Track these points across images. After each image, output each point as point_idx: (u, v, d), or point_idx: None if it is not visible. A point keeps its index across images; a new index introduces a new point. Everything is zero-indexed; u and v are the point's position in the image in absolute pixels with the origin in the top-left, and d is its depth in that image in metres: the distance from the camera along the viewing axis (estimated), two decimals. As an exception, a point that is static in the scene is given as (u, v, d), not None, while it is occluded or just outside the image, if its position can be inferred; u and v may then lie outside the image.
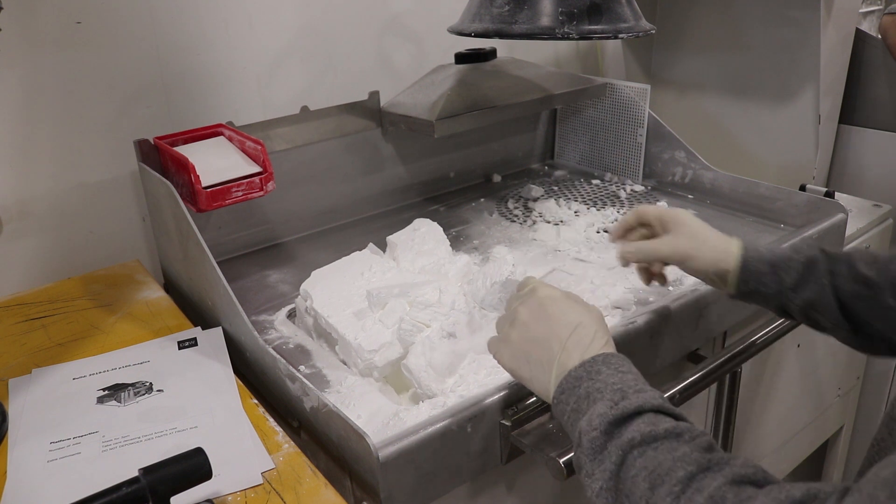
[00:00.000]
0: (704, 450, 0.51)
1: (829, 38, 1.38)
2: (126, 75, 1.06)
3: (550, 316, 0.65)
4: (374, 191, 1.29)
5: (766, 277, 0.75)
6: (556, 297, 0.67)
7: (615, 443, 0.53)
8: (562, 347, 0.63)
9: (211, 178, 0.92)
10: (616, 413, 0.54)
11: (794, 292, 0.74)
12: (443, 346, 0.77)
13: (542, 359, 0.64)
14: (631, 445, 0.52)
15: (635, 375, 0.59)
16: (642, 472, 0.51)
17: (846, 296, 0.72)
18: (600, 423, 0.54)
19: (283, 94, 1.21)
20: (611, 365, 0.60)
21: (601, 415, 0.55)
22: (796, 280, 0.74)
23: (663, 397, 0.57)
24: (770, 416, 1.25)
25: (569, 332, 0.63)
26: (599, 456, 0.54)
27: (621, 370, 0.59)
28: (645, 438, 0.52)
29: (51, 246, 1.06)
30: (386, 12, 1.29)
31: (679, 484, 0.48)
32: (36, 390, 0.80)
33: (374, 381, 0.80)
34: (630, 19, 0.92)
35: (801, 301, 0.74)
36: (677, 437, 0.52)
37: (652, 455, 0.51)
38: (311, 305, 0.87)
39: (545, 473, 0.73)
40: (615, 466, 0.52)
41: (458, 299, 0.82)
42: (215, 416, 0.75)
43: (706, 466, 0.49)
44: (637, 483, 0.50)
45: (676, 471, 0.49)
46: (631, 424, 0.54)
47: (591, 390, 0.58)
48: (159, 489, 0.56)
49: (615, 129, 1.41)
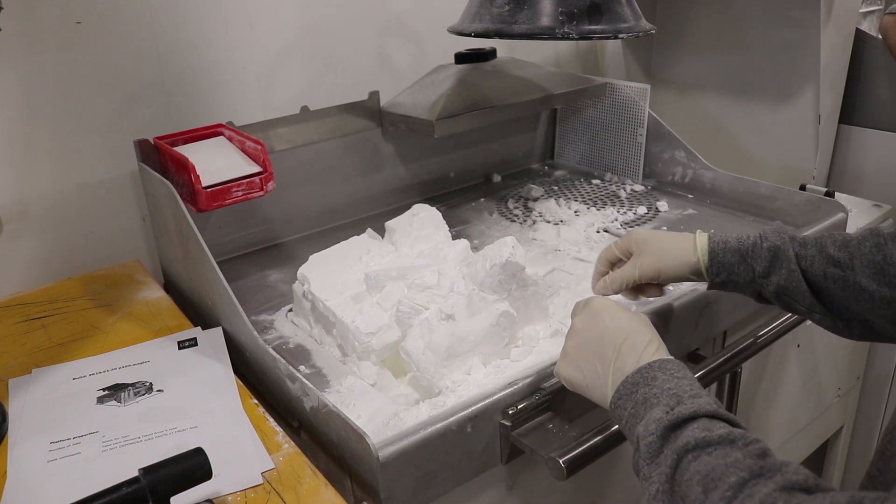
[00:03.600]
0: (757, 456, 0.51)
1: (829, 38, 1.37)
2: (126, 75, 1.06)
3: (603, 324, 0.68)
4: (374, 191, 1.29)
5: (736, 267, 0.76)
6: (609, 305, 0.70)
7: (671, 447, 0.54)
8: (616, 353, 0.65)
9: (211, 178, 0.92)
10: (672, 418, 0.56)
11: (766, 279, 0.75)
12: (441, 328, 0.77)
13: (598, 365, 0.66)
14: (686, 450, 0.53)
15: (690, 381, 0.60)
16: (696, 476, 0.51)
17: (817, 278, 0.73)
18: (657, 428, 0.56)
19: (283, 94, 1.21)
20: (667, 370, 0.61)
21: (657, 420, 0.56)
22: (766, 267, 0.75)
23: (718, 402, 0.58)
24: (770, 416, 1.25)
25: (622, 338, 0.65)
26: (656, 460, 0.55)
27: (677, 375, 0.61)
28: (699, 443, 0.53)
29: (51, 246, 1.06)
30: (386, 12, 1.29)
31: (731, 489, 0.49)
32: (36, 390, 0.80)
33: (372, 365, 0.79)
34: (630, 19, 0.92)
35: (773, 287, 0.75)
36: (731, 443, 0.53)
37: (706, 460, 0.52)
38: (309, 289, 0.87)
39: (545, 473, 0.73)
40: (670, 470, 0.53)
41: (457, 281, 0.81)
42: (215, 416, 0.75)
43: (758, 472, 0.50)
44: (691, 487, 0.51)
45: (729, 476, 0.50)
46: (686, 429, 0.55)
47: (649, 395, 0.60)
48: (159, 489, 0.56)
49: (615, 129, 1.41)
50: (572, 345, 0.70)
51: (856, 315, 0.73)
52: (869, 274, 0.70)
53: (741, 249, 0.76)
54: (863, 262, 0.71)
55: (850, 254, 0.72)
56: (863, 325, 0.74)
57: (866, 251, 0.71)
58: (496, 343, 0.80)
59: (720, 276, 0.77)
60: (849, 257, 0.72)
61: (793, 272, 0.74)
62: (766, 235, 0.76)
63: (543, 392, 0.76)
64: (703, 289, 0.93)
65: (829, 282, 0.72)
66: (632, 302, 0.87)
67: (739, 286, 0.78)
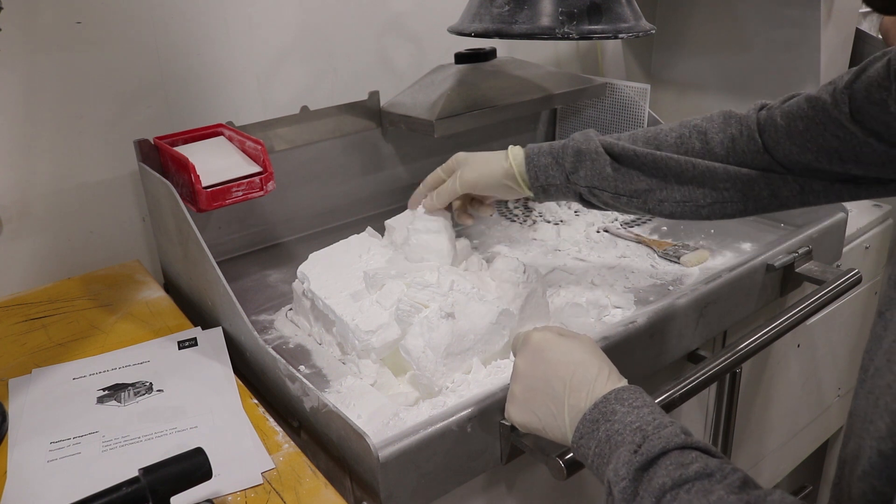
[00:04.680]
0: (739, 489, 0.49)
1: (829, 38, 1.37)
2: (126, 75, 1.06)
3: (548, 360, 0.64)
4: (374, 191, 1.29)
5: (550, 169, 0.80)
6: (549, 339, 0.66)
7: (646, 489, 0.51)
8: (567, 389, 0.62)
9: (211, 178, 0.92)
10: (641, 459, 0.53)
11: (575, 174, 0.79)
12: (441, 326, 0.76)
13: (550, 406, 0.63)
14: (663, 490, 0.50)
15: (651, 408, 0.58)
16: None
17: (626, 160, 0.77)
18: (627, 472, 0.53)
19: (283, 94, 1.21)
20: (624, 402, 0.58)
21: (627, 462, 0.53)
22: (572, 163, 0.79)
23: (685, 430, 0.55)
24: (770, 416, 1.25)
25: (570, 373, 0.62)
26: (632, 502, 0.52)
27: (636, 405, 0.58)
28: (676, 482, 0.50)
29: (51, 246, 1.06)
30: (386, 12, 1.29)
31: None
32: (36, 390, 0.80)
33: (372, 363, 0.79)
34: (630, 19, 0.92)
35: (583, 182, 0.78)
36: (709, 477, 0.50)
37: (685, 498, 0.49)
38: (309, 287, 0.87)
39: (545, 473, 0.73)
40: None
41: (458, 280, 0.82)
42: (215, 416, 0.75)
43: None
44: None
45: None
46: (659, 468, 0.52)
47: (611, 433, 0.57)
48: (159, 489, 0.56)
49: (615, 129, 1.41)
50: (519, 388, 0.66)
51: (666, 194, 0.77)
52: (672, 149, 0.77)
53: (552, 152, 0.80)
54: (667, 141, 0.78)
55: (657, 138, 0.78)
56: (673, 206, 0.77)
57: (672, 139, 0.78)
58: (496, 342, 0.80)
59: (539, 180, 0.81)
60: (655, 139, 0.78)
61: (596, 161, 0.77)
62: (575, 137, 0.80)
63: (543, 392, 0.75)
64: (703, 289, 0.93)
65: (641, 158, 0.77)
66: (632, 301, 0.87)
67: (559, 189, 0.81)
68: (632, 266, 1.04)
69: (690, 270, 1.02)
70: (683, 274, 1.01)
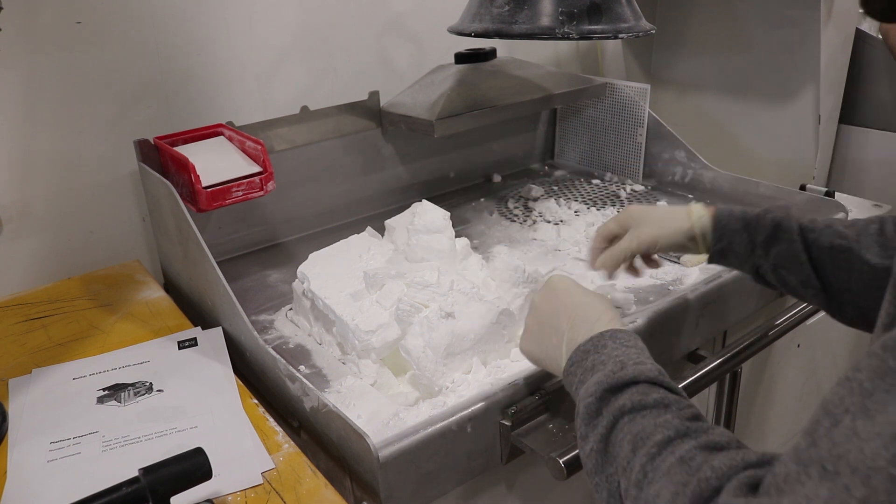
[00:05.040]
0: (687, 419, 0.53)
1: (829, 38, 1.37)
2: (126, 75, 1.06)
3: (559, 298, 0.70)
4: (374, 191, 1.29)
5: (738, 235, 0.77)
6: (567, 282, 0.72)
7: (608, 409, 0.56)
8: (570, 325, 0.66)
9: (211, 178, 0.92)
10: (612, 381, 0.57)
11: (765, 250, 0.76)
12: (441, 326, 0.77)
13: (553, 337, 0.68)
14: (622, 412, 0.55)
15: (639, 350, 0.61)
16: (628, 435, 0.53)
17: (821, 250, 0.73)
18: (596, 391, 0.57)
19: (283, 94, 1.21)
20: (617, 339, 0.62)
21: (598, 382, 0.58)
22: (767, 237, 0.76)
23: (662, 371, 0.58)
24: (770, 416, 1.25)
25: (576, 311, 0.67)
26: (594, 421, 0.57)
27: (626, 344, 0.62)
28: (635, 406, 0.55)
29: (51, 246, 1.06)
30: (386, 12, 1.29)
31: (656, 446, 0.51)
32: (36, 390, 0.80)
33: (372, 363, 0.79)
34: (630, 19, 0.92)
35: (771, 259, 0.75)
36: (665, 407, 0.54)
37: (639, 421, 0.54)
38: (309, 287, 0.87)
39: (545, 473, 0.73)
40: (605, 431, 0.55)
41: (457, 279, 0.82)
42: (215, 416, 0.75)
43: (684, 432, 0.51)
44: (622, 446, 0.53)
45: (655, 434, 0.52)
46: (625, 393, 0.56)
47: (596, 362, 0.61)
48: (159, 489, 0.56)
49: (615, 129, 1.41)
50: (532, 320, 0.72)
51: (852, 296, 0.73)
52: (874, 250, 0.71)
53: (745, 218, 0.78)
54: (868, 239, 0.72)
55: (857, 231, 0.73)
56: (855, 310, 0.73)
57: (872, 231, 0.73)
58: (496, 341, 0.80)
59: (722, 241, 0.78)
60: (855, 233, 0.73)
61: (793, 243, 0.74)
62: (771, 209, 0.77)
63: (543, 392, 0.76)
64: (703, 289, 0.93)
65: (836, 253, 0.73)
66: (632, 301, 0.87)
67: (739, 256, 0.78)
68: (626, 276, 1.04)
69: (690, 270, 1.02)
70: (683, 274, 1.01)
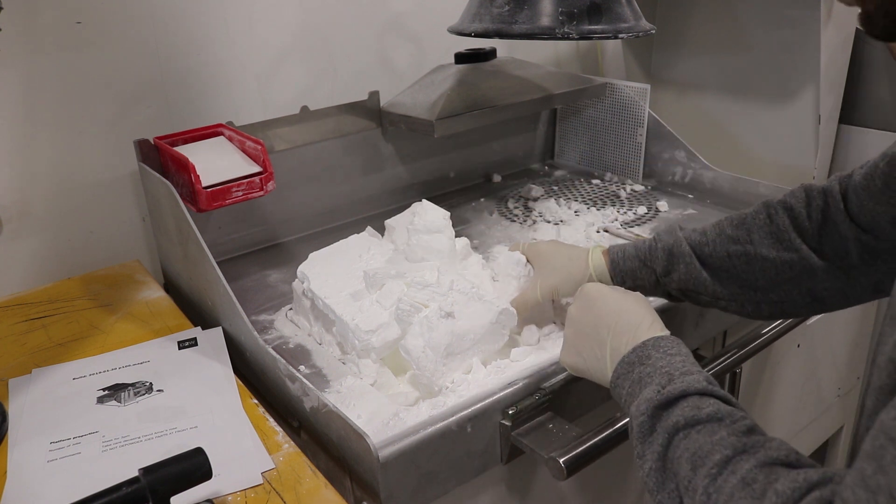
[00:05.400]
0: (743, 433, 0.53)
1: (829, 38, 1.37)
2: (126, 75, 1.06)
3: (597, 306, 0.70)
4: (374, 191, 1.29)
5: (638, 272, 0.79)
6: (603, 290, 0.71)
7: (662, 426, 0.56)
8: (611, 334, 0.66)
9: (211, 178, 0.92)
10: (661, 398, 0.57)
11: (667, 277, 0.78)
12: (441, 326, 0.77)
13: (596, 349, 0.68)
14: (676, 428, 0.55)
15: (684, 357, 0.62)
16: (685, 453, 0.53)
17: (720, 260, 0.75)
18: (647, 409, 0.57)
19: (283, 94, 1.21)
20: (660, 348, 0.63)
21: (648, 399, 0.58)
22: (664, 267, 0.78)
23: (710, 379, 0.59)
24: (770, 416, 1.25)
25: (615, 319, 0.67)
26: (649, 439, 0.57)
27: (670, 353, 0.62)
28: (689, 422, 0.54)
29: (51, 246, 1.06)
30: (386, 12, 1.29)
31: (716, 466, 0.51)
32: (36, 390, 0.80)
33: (372, 363, 0.80)
34: (630, 19, 0.92)
35: (675, 284, 0.77)
36: (719, 421, 0.54)
37: (695, 437, 0.53)
38: (309, 287, 0.87)
39: (545, 473, 0.73)
40: (662, 448, 0.55)
41: (457, 279, 0.82)
42: (215, 416, 0.75)
43: (742, 450, 0.51)
44: (681, 464, 0.53)
45: (714, 454, 0.51)
46: (676, 408, 0.56)
47: (643, 375, 0.61)
48: (159, 489, 0.56)
49: (615, 129, 1.41)
50: (571, 332, 0.72)
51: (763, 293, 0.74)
52: (767, 244, 0.73)
53: (639, 255, 0.79)
54: (760, 234, 0.74)
55: (748, 229, 0.75)
56: (771, 304, 0.75)
57: (761, 223, 0.74)
58: (496, 341, 0.80)
59: (626, 283, 0.80)
60: (746, 233, 0.75)
61: (690, 265, 0.76)
62: (660, 237, 0.79)
63: (543, 392, 0.76)
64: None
65: (734, 260, 0.74)
66: None
67: (647, 290, 0.80)
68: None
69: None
70: (683, 274, 1.01)
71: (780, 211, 0.74)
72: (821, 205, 0.72)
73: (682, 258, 0.77)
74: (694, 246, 0.77)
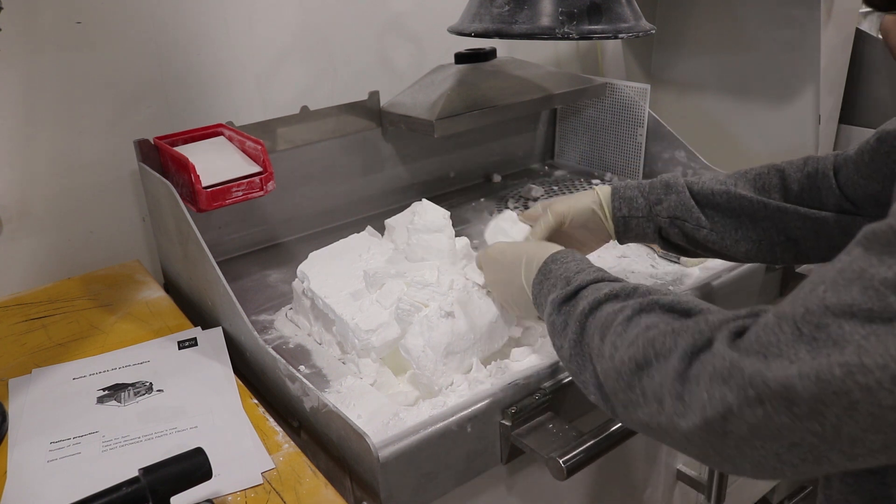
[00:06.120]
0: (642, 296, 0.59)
1: (829, 38, 1.37)
2: (126, 75, 1.06)
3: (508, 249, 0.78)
4: (374, 191, 1.29)
5: (635, 201, 0.84)
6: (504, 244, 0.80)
7: (571, 317, 0.63)
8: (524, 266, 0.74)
9: (211, 178, 0.92)
10: (562, 294, 0.65)
11: (659, 205, 0.83)
12: (441, 325, 0.77)
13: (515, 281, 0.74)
14: (583, 314, 0.61)
15: (577, 262, 0.69)
16: (595, 330, 0.59)
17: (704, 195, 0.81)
18: (552, 308, 0.65)
19: (283, 94, 1.21)
20: (557, 261, 0.70)
21: (552, 301, 0.66)
22: (658, 196, 0.83)
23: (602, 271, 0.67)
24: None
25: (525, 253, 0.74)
26: (563, 332, 0.63)
27: (566, 262, 0.70)
28: (591, 305, 0.61)
29: (51, 246, 1.06)
30: (386, 12, 1.29)
31: (620, 325, 0.56)
32: (36, 390, 0.80)
33: (372, 363, 0.80)
34: (630, 19, 0.92)
35: (665, 213, 0.83)
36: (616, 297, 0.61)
37: (599, 314, 0.60)
38: (309, 286, 0.87)
39: (545, 473, 0.73)
40: (575, 335, 0.61)
41: (457, 279, 0.82)
42: (215, 416, 0.75)
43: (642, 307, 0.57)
44: (593, 339, 0.59)
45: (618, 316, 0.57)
46: (577, 298, 0.63)
47: (547, 286, 0.69)
48: (159, 489, 0.56)
49: (615, 129, 1.41)
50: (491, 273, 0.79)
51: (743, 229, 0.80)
52: (749, 188, 0.80)
53: (640, 186, 0.85)
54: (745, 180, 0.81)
55: (735, 178, 0.82)
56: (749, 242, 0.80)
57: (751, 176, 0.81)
58: (496, 341, 0.80)
59: (621, 210, 0.85)
60: (733, 179, 0.81)
61: (681, 194, 0.82)
62: (662, 175, 0.86)
63: (543, 392, 0.76)
64: (703, 289, 0.93)
65: (718, 196, 0.80)
66: None
67: (640, 221, 0.84)
68: (632, 266, 1.04)
69: (690, 270, 1.02)
70: (683, 274, 1.01)
71: (773, 172, 0.80)
72: (811, 171, 0.78)
73: (675, 188, 0.83)
74: (688, 183, 0.83)
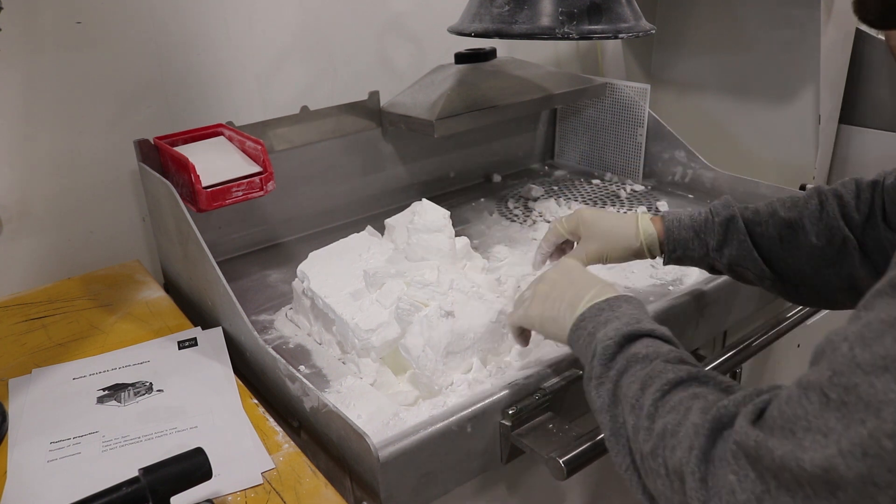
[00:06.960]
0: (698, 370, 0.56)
1: (829, 38, 1.37)
2: (126, 75, 1.06)
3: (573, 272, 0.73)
4: (374, 191, 1.29)
5: (691, 243, 0.80)
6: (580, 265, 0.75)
7: (623, 354, 0.60)
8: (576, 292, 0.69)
9: (211, 178, 0.92)
10: (630, 330, 0.61)
11: (718, 252, 0.79)
12: (441, 325, 0.77)
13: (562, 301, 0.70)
14: (636, 359, 0.58)
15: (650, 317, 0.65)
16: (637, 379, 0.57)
17: (769, 242, 0.77)
18: (615, 335, 0.61)
19: (283, 94, 1.21)
20: (631, 303, 0.66)
21: (617, 329, 0.62)
22: (718, 241, 0.79)
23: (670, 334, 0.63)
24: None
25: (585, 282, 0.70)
26: (609, 363, 0.60)
27: (640, 308, 0.66)
28: (649, 355, 0.58)
29: (51, 246, 1.06)
30: (386, 12, 1.29)
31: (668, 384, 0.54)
32: (36, 390, 0.80)
33: (372, 362, 0.80)
34: (630, 19, 0.92)
35: (725, 259, 0.79)
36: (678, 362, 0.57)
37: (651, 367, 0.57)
38: (309, 286, 0.87)
39: (545, 473, 0.73)
40: (618, 374, 0.58)
41: (457, 279, 0.82)
42: (215, 416, 0.75)
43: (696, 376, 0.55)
44: (631, 387, 0.57)
45: (667, 374, 0.55)
46: (641, 342, 0.60)
47: (611, 318, 0.64)
48: (159, 489, 0.56)
49: (615, 129, 1.41)
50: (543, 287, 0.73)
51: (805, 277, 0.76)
52: (817, 230, 0.75)
53: (694, 226, 0.80)
54: (811, 219, 0.75)
55: (799, 212, 0.76)
56: (810, 289, 0.77)
57: (812, 209, 0.75)
58: (496, 340, 0.80)
59: (676, 252, 0.81)
60: (798, 216, 0.76)
61: (743, 243, 0.77)
62: (717, 210, 0.80)
63: (543, 392, 0.76)
64: (702, 289, 0.93)
65: (784, 243, 0.76)
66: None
67: (694, 260, 0.82)
68: (632, 266, 1.04)
69: (690, 270, 1.02)
70: (683, 274, 1.01)
71: (831, 198, 0.75)
72: (868, 198, 0.74)
73: (736, 235, 0.78)
74: (748, 224, 0.78)
